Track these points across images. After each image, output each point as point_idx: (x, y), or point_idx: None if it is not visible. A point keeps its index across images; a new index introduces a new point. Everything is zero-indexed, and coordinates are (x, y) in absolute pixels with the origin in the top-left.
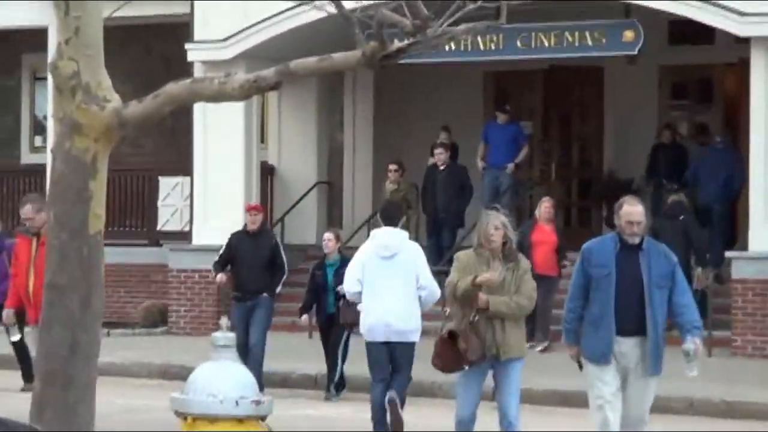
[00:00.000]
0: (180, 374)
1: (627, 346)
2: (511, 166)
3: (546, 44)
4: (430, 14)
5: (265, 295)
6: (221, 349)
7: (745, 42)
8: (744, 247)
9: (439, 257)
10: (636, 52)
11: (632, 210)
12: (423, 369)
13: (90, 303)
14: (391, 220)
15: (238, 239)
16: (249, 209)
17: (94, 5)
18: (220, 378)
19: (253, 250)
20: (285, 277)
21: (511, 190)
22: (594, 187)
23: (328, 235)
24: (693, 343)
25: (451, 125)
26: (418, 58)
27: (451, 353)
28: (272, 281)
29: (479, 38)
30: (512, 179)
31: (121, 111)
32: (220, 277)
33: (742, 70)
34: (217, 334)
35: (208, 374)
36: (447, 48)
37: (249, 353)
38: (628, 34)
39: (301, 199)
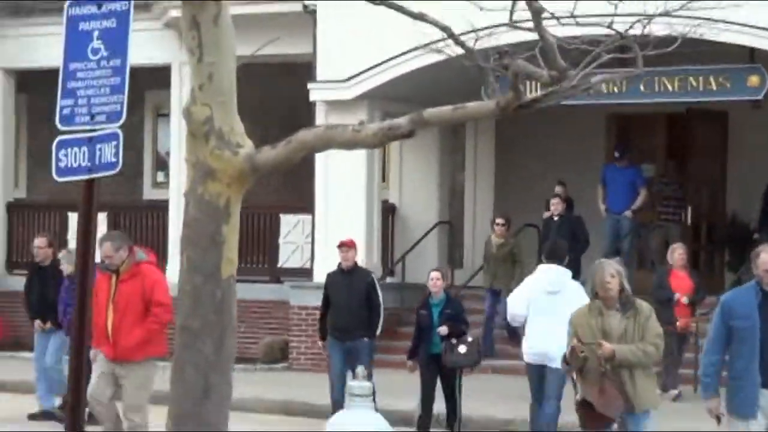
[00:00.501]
0: (301, 410)
1: None
2: (628, 213)
3: (669, 89)
4: (567, 65)
5: (365, 339)
6: (357, 398)
7: None
8: None
9: None
10: (761, 98)
11: None
12: None
13: (223, 345)
14: (555, 258)
15: (332, 278)
16: (340, 245)
17: (228, 52)
18: (357, 427)
19: (348, 288)
20: (382, 318)
21: (632, 233)
22: (718, 231)
23: (435, 274)
24: None
25: (571, 167)
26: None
27: (592, 419)
28: (370, 322)
29: (603, 84)
30: (633, 223)
31: (253, 157)
32: (322, 345)
33: None
34: (353, 383)
35: (344, 422)
36: None
37: None
38: (753, 80)
39: (421, 238)
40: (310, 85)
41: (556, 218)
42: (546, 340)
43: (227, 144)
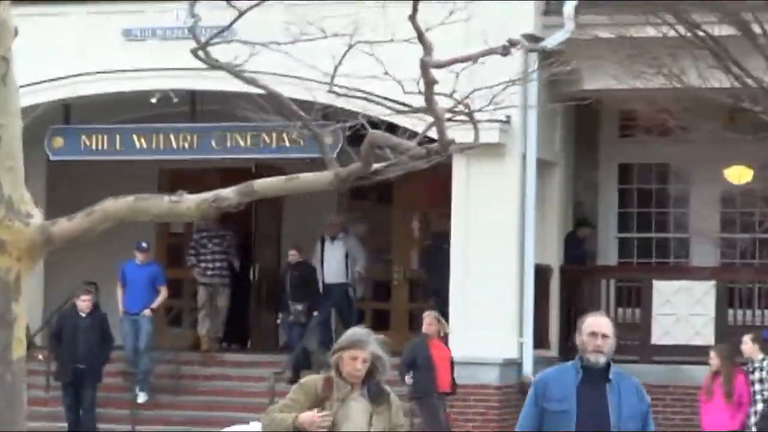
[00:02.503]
0: None
1: None
2: (147, 312)
3: (242, 144)
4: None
5: None
6: None
7: None
8: None
9: None
10: (335, 156)
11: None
12: None
13: None
14: None
15: None
16: None
17: (15, 113)
18: None
19: None
20: None
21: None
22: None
23: None
24: None
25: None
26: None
27: None
28: None
29: (171, 135)
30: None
31: (48, 228)
32: None
33: None
34: None
35: None
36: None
37: None
38: (327, 139)
39: None
40: None
41: (83, 315)
42: None
43: (17, 214)
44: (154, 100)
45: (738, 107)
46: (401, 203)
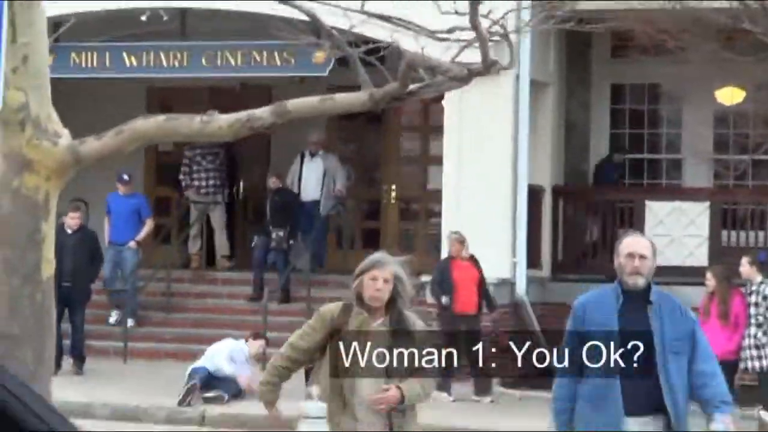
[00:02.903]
0: None
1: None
2: (132, 244)
3: (233, 63)
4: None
5: None
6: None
7: None
8: None
9: None
10: (326, 74)
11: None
12: None
13: (44, 353)
14: None
15: None
16: None
17: (41, 32)
18: None
19: None
20: None
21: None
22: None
23: None
24: (722, 423)
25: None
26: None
27: None
28: None
29: (162, 54)
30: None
31: (76, 147)
32: None
33: None
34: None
35: None
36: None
37: None
38: (319, 56)
39: None
40: None
41: (69, 231)
42: None
43: (44, 133)
44: (144, 18)
45: (737, 28)
46: (390, 125)
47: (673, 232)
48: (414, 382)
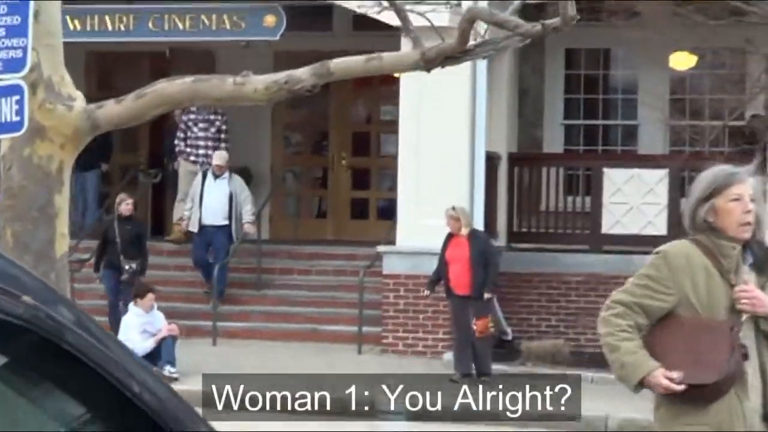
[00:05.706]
0: None
1: None
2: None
3: (181, 27)
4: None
5: None
6: None
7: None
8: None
9: None
10: (277, 37)
11: None
12: None
13: None
14: None
15: None
16: None
17: None
18: None
19: None
20: None
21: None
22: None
23: None
24: None
25: None
26: None
27: None
28: None
29: (107, 18)
30: None
31: (93, 113)
32: None
33: None
34: None
35: None
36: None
37: None
38: (269, 19)
39: None
40: None
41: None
42: None
43: (58, 96)
44: None
45: None
46: (340, 90)
47: (631, 200)
48: None
